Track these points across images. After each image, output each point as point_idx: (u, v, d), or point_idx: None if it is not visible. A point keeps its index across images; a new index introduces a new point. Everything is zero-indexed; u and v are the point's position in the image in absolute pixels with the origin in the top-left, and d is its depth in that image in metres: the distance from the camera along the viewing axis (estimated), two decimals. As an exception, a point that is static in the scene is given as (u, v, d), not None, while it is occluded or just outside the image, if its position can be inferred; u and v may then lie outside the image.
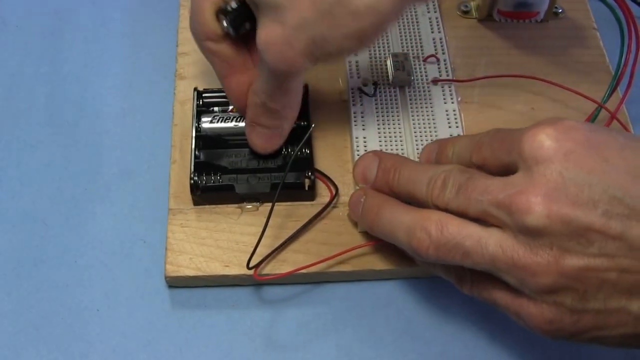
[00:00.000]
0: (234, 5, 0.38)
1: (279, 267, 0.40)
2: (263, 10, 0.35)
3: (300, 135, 0.42)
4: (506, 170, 0.33)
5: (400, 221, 0.35)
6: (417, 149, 0.43)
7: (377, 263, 0.40)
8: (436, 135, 0.44)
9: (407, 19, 0.49)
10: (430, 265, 0.37)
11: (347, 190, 0.42)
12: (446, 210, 0.34)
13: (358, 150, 0.43)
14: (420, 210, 0.35)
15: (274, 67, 0.36)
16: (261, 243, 0.39)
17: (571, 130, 0.31)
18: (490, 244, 0.32)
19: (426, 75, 0.46)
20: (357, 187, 0.40)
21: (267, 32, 0.35)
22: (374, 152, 0.40)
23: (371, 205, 0.38)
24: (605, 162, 0.30)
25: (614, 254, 0.29)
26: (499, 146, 0.33)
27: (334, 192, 0.42)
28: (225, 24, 0.38)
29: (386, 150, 0.43)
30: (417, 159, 0.42)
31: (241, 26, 0.38)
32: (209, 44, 0.39)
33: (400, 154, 0.43)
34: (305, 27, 0.34)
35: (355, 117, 0.44)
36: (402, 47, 0.47)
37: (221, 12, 0.38)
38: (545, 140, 0.31)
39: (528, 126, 0.32)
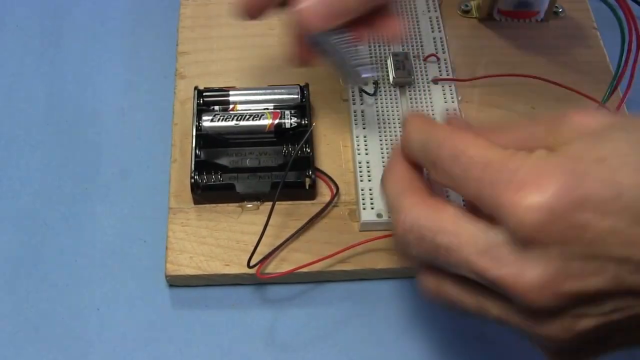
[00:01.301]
0: None
1: (279, 266, 0.39)
2: None
3: (300, 134, 0.42)
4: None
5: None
6: (418, 149, 0.43)
7: (378, 262, 0.40)
8: (437, 135, 0.43)
9: (407, 19, 0.49)
10: None
11: (347, 189, 0.42)
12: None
13: (359, 150, 0.43)
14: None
15: None
16: (262, 242, 0.39)
17: (561, 195, 0.26)
18: (492, 310, 0.29)
19: (426, 75, 0.46)
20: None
21: None
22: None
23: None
24: (605, 221, 0.26)
25: (628, 306, 0.27)
26: (464, 184, 0.29)
27: (334, 191, 0.42)
28: None
29: (386, 149, 0.43)
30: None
31: None
32: None
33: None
34: None
35: (355, 116, 0.44)
36: (403, 46, 0.47)
37: None
38: (533, 219, 0.26)
39: (499, 170, 0.28)
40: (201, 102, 0.44)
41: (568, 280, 0.27)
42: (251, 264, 0.39)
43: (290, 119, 0.42)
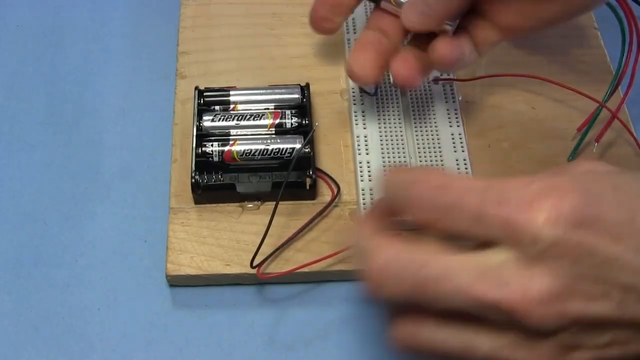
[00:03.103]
0: None
1: (281, 266, 0.39)
2: None
3: (301, 134, 0.42)
4: (469, 239, 0.28)
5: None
6: (418, 149, 0.43)
7: (379, 262, 0.40)
8: (437, 135, 0.44)
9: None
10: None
11: (348, 189, 0.42)
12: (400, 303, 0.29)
13: (359, 150, 0.43)
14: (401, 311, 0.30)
15: None
16: (263, 243, 0.39)
17: (577, 212, 0.26)
18: (481, 346, 0.28)
19: (427, 75, 0.46)
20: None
21: None
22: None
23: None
24: (617, 245, 0.26)
25: (626, 340, 0.27)
26: (456, 212, 0.28)
27: (335, 191, 0.42)
28: None
29: (387, 149, 0.43)
30: (418, 159, 0.43)
31: None
32: None
33: (401, 153, 0.43)
34: None
35: (356, 116, 0.44)
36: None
37: None
38: (550, 231, 0.26)
39: (502, 191, 0.27)
40: (202, 102, 0.43)
41: (574, 300, 0.26)
42: (254, 264, 0.39)
43: (291, 118, 0.42)
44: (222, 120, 0.42)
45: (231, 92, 0.44)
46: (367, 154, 0.43)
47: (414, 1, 0.38)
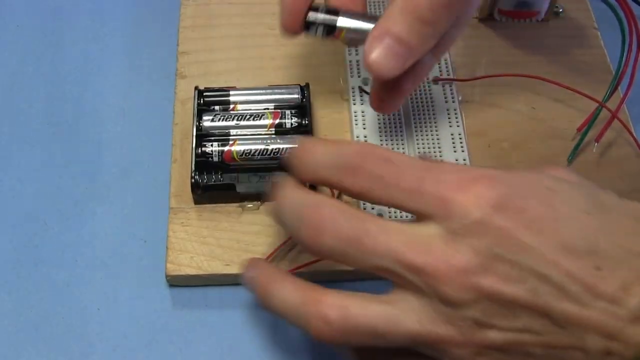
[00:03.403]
0: None
1: (280, 266, 0.39)
2: None
3: (302, 134, 0.42)
4: (401, 209, 0.30)
5: (291, 302, 0.31)
6: (418, 148, 0.43)
7: (379, 262, 0.40)
8: (437, 134, 0.44)
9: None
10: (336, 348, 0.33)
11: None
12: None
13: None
14: (313, 289, 0.31)
15: None
16: (262, 242, 0.40)
17: (504, 199, 0.28)
18: (405, 320, 0.29)
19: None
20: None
21: None
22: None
23: (258, 281, 0.33)
24: (537, 236, 0.28)
25: (540, 331, 0.28)
26: (395, 183, 0.30)
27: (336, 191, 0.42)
28: None
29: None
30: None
31: None
32: None
33: (401, 153, 0.43)
34: None
35: (356, 116, 0.44)
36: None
37: None
38: (478, 211, 0.28)
39: (441, 172, 0.30)
40: (202, 102, 0.43)
41: (489, 276, 0.28)
42: None
43: (291, 119, 0.42)
44: (222, 120, 0.42)
45: (231, 92, 0.44)
46: (367, 154, 0.43)
47: (380, 34, 0.34)
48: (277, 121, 0.42)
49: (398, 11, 0.34)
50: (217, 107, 0.43)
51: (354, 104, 0.45)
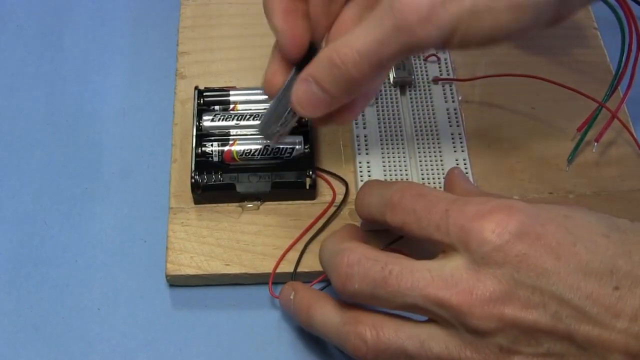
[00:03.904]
0: None
1: (280, 266, 0.39)
2: None
3: (302, 134, 0.42)
4: (432, 244, 0.32)
5: (332, 323, 0.34)
6: (418, 148, 0.43)
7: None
8: (437, 134, 0.44)
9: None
10: None
11: (346, 189, 0.42)
12: (360, 301, 0.32)
13: (359, 150, 0.43)
14: (352, 310, 0.33)
15: (407, 24, 0.30)
16: (262, 242, 0.40)
17: (522, 226, 0.30)
18: (433, 346, 0.31)
19: (427, 75, 0.46)
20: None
21: None
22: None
23: (301, 304, 0.36)
24: (557, 261, 0.29)
25: (564, 354, 0.29)
26: (426, 216, 0.32)
27: (335, 191, 0.42)
28: None
29: (387, 149, 0.43)
30: (418, 159, 0.43)
31: None
32: None
33: (401, 153, 0.43)
34: None
35: (356, 116, 0.44)
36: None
37: None
38: (497, 238, 0.29)
39: (465, 204, 0.31)
40: (201, 102, 0.43)
41: (511, 303, 0.29)
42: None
43: (291, 118, 0.42)
44: (222, 120, 0.42)
45: (231, 92, 0.44)
46: (367, 154, 0.43)
47: (306, 78, 0.34)
48: (277, 121, 0.42)
49: (326, 61, 0.33)
50: (217, 107, 0.43)
51: (354, 104, 0.45)
